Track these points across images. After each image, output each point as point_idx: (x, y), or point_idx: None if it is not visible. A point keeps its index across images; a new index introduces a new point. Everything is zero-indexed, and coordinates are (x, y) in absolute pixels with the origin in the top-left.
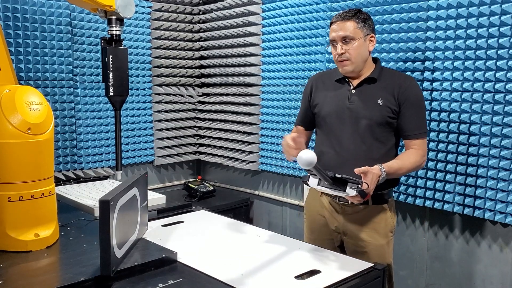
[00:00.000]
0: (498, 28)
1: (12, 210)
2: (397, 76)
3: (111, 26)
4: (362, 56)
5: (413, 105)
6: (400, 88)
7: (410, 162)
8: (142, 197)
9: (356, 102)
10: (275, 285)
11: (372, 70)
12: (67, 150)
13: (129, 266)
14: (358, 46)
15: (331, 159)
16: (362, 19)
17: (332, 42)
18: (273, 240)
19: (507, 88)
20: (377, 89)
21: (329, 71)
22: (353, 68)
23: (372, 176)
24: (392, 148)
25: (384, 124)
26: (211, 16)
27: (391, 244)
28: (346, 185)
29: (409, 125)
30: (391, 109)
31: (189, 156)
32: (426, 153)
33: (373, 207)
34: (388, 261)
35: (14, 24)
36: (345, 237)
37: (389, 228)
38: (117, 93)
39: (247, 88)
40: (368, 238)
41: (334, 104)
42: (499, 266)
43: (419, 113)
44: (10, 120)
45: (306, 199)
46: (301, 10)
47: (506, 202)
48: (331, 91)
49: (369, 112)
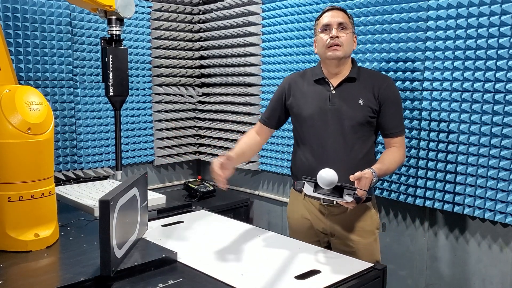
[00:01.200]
0: (498, 28)
1: (12, 210)
2: (375, 75)
3: (111, 26)
4: (350, 48)
5: (393, 104)
6: (380, 88)
7: (395, 161)
8: (142, 197)
9: (338, 102)
10: (275, 285)
11: (350, 69)
12: (67, 150)
13: (129, 266)
14: (350, 36)
15: (314, 160)
16: (351, 17)
17: (325, 27)
18: (273, 240)
19: (507, 88)
20: (357, 89)
21: (305, 72)
22: (343, 55)
23: (365, 181)
24: (372, 146)
25: (366, 123)
26: (211, 16)
27: (378, 241)
28: (343, 192)
29: (390, 124)
30: (371, 108)
31: (189, 156)
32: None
33: (358, 206)
34: (377, 258)
35: (14, 24)
36: (333, 238)
37: (375, 225)
38: (117, 93)
39: (247, 88)
40: (356, 238)
41: (315, 105)
42: (499, 266)
43: (398, 112)
44: (10, 120)
45: (288, 204)
46: (301, 10)
47: (506, 202)
48: (311, 92)
49: (352, 113)
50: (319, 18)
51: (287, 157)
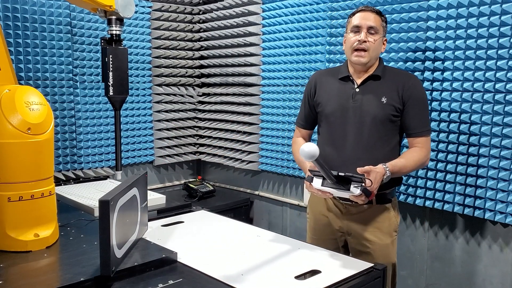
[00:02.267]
0: (498, 28)
1: (12, 210)
2: (400, 74)
3: (111, 26)
4: (377, 53)
5: (417, 103)
6: (404, 86)
7: (414, 161)
8: (142, 197)
9: (360, 100)
10: (275, 285)
11: (375, 67)
12: (67, 150)
13: (129, 266)
14: (379, 41)
15: (334, 158)
16: (384, 20)
17: (355, 29)
18: (273, 240)
19: (507, 88)
20: (381, 87)
21: (331, 69)
22: (368, 60)
23: (375, 175)
24: (395, 146)
25: (388, 122)
26: (211, 16)
27: (395, 244)
28: (350, 183)
29: (413, 123)
30: (395, 107)
31: (189, 156)
32: (430, 151)
33: (376, 206)
34: (393, 260)
35: (14, 24)
36: (349, 237)
37: (393, 227)
38: (117, 93)
39: (247, 88)
40: (372, 238)
41: (338, 103)
42: (499, 266)
43: (423, 111)
44: (10, 120)
45: (309, 200)
46: (301, 10)
47: (506, 202)
48: (335, 89)
49: (373, 110)
50: (351, 16)
51: (287, 157)
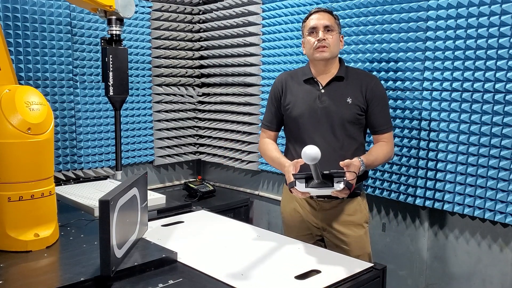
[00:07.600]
0: (498, 28)
1: (12, 210)
2: (363, 75)
3: (111, 26)
4: (337, 49)
5: (380, 102)
6: (367, 87)
7: (383, 154)
8: (142, 197)
9: (327, 101)
10: (275, 285)
11: (338, 68)
12: (67, 150)
13: (129, 266)
14: (336, 38)
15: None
16: (337, 17)
17: (312, 30)
18: (273, 240)
19: (507, 88)
20: (345, 88)
21: (295, 71)
22: (330, 55)
23: (353, 168)
24: (362, 144)
25: (354, 121)
26: (211, 16)
27: (368, 234)
28: (333, 181)
29: (378, 121)
30: (359, 107)
31: (189, 156)
32: (394, 144)
33: (347, 200)
34: (368, 250)
35: (14, 24)
36: (325, 232)
37: (365, 218)
38: (117, 93)
39: (247, 88)
40: (347, 231)
41: (306, 105)
42: (499, 266)
43: (386, 109)
44: (10, 120)
45: (281, 199)
46: (301, 10)
47: (506, 202)
48: (301, 91)
49: (340, 111)
50: (305, 21)
51: None
